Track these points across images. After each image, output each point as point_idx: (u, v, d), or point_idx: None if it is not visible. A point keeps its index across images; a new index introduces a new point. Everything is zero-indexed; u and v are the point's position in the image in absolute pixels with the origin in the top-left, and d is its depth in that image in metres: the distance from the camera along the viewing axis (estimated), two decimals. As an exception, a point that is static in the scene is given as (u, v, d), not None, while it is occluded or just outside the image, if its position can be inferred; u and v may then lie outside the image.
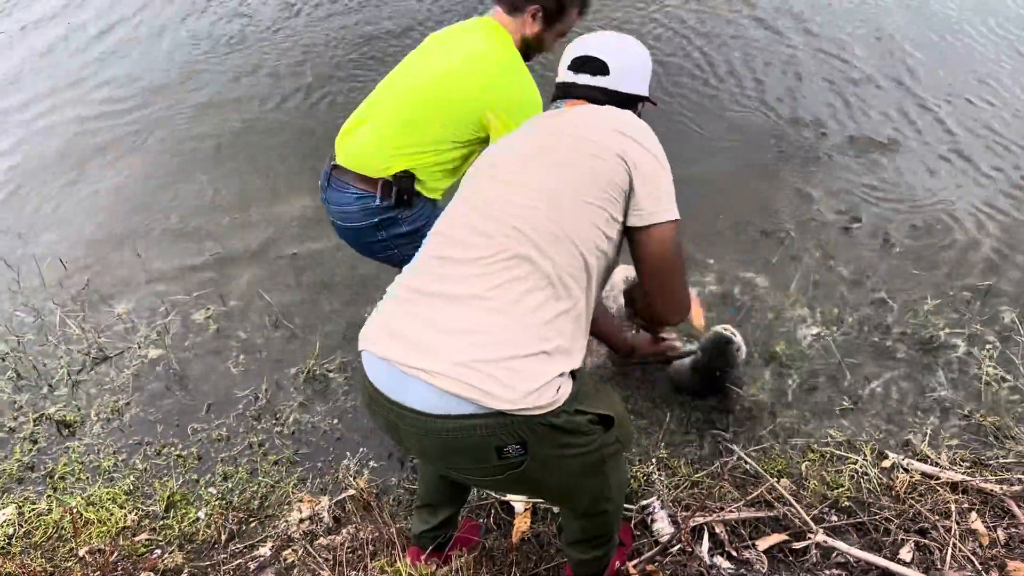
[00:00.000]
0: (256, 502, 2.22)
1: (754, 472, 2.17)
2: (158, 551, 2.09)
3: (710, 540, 1.97)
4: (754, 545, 1.96)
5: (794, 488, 2.13)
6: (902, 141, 3.59)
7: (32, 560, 2.04)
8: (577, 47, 1.67)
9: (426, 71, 2.00)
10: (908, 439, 2.28)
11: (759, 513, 2.03)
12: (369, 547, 1.97)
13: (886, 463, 2.19)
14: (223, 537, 2.12)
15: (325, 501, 2.18)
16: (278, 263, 3.13)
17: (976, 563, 1.86)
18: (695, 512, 2.03)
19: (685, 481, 2.16)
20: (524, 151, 1.51)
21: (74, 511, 2.17)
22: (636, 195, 1.41)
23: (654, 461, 2.23)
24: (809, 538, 1.94)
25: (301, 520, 2.13)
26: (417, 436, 1.30)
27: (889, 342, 2.60)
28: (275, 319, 2.85)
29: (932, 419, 2.35)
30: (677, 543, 1.96)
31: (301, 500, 2.20)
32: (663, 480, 2.16)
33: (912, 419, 2.35)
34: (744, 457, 2.20)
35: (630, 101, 1.65)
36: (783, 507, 2.03)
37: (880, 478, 2.13)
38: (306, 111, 4.05)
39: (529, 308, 1.27)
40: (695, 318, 2.68)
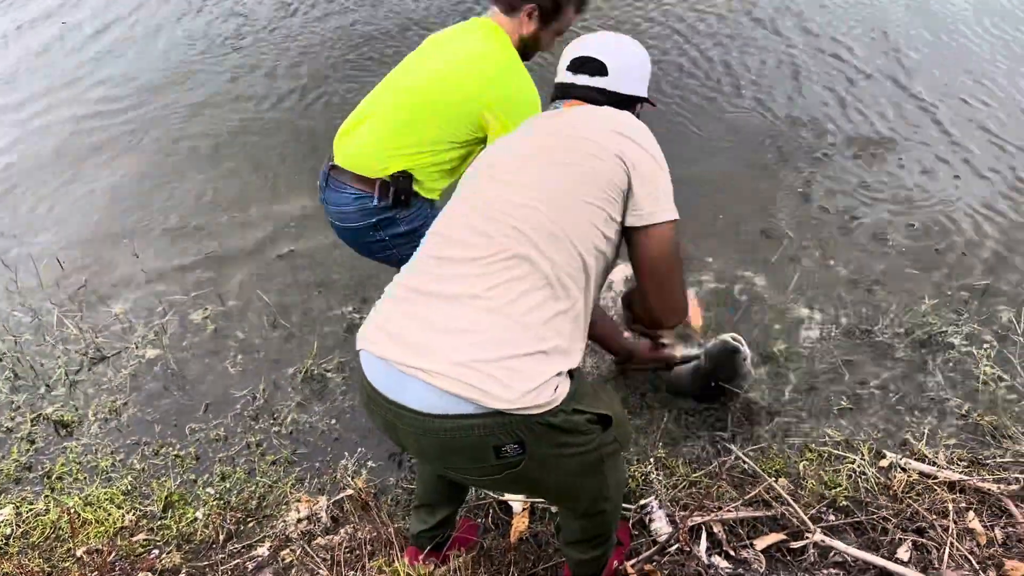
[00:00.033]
0: (254, 502, 2.22)
1: (752, 472, 2.17)
2: (156, 551, 2.09)
3: (708, 540, 1.97)
4: (752, 545, 1.96)
5: (792, 488, 2.13)
6: (900, 141, 3.59)
7: (30, 560, 2.04)
8: (576, 48, 1.67)
9: (424, 72, 2.00)
10: (906, 438, 2.28)
11: (757, 513, 2.03)
12: (367, 547, 1.97)
13: (884, 462, 2.19)
14: (221, 537, 2.11)
15: (323, 501, 2.18)
16: (276, 263, 3.12)
17: (973, 562, 1.86)
18: (693, 512, 2.03)
19: (683, 481, 2.16)
20: (523, 151, 1.51)
21: (72, 511, 2.17)
22: (634, 195, 1.41)
23: (652, 461, 2.23)
24: (807, 538, 1.94)
25: (299, 520, 2.13)
26: (415, 436, 1.30)
27: (887, 342, 2.61)
28: (273, 319, 2.84)
29: (930, 419, 2.35)
30: (675, 543, 1.96)
31: (299, 500, 2.20)
32: (661, 480, 2.16)
33: (910, 419, 2.36)
34: (742, 457, 2.21)
35: (628, 102, 1.65)
36: (781, 507, 2.03)
37: (878, 477, 2.13)
38: (303, 111, 4.04)
39: (527, 308, 1.27)
40: (693, 318, 2.69)
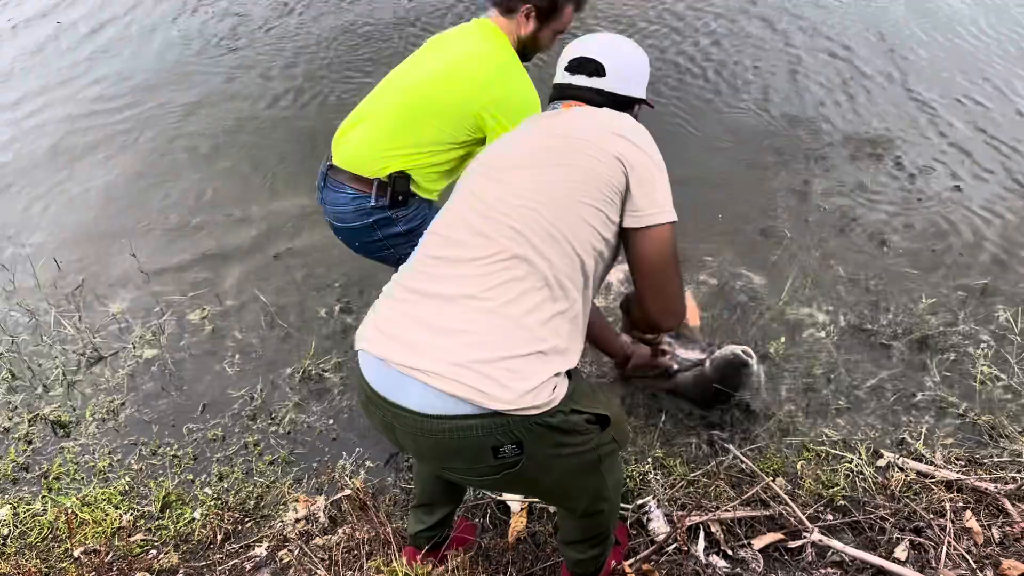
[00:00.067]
0: (252, 502, 2.22)
1: (750, 471, 2.17)
2: (153, 551, 2.09)
3: (706, 539, 1.98)
4: (750, 544, 1.97)
5: (790, 487, 2.13)
6: (898, 141, 3.59)
7: (27, 561, 2.04)
8: (574, 48, 1.67)
9: (422, 72, 2.00)
10: (903, 438, 2.29)
11: (755, 512, 2.04)
12: (365, 547, 1.97)
13: (881, 462, 2.19)
14: (219, 537, 2.11)
15: (321, 501, 2.18)
16: (273, 262, 3.12)
17: (971, 561, 1.86)
18: (691, 511, 2.03)
19: (681, 480, 2.16)
20: (522, 152, 1.50)
21: (69, 511, 2.16)
22: (632, 197, 1.41)
23: (650, 460, 2.23)
24: (805, 537, 1.95)
25: (297, 520, 2.13)
26: (413, 436, 1.30)
27: (885, 341, 2.61)
28: (270, 319, 2.84)
29: (927, 418, 2.35)
30: (673, 542, 1.96)
31: (297, 500, 2.20)
32: (659, 479, 2.16)
33: (907, 418, 2.36)
34: (740, 456, 2.21)
35: (626, 103, 1.64)
36: (779, 506, 2.03)
37: (875, 477, 2.13)
38: (299, 110, 4.04)
39: (526, 309, 1.27)
40: (691, 318, 2.69)
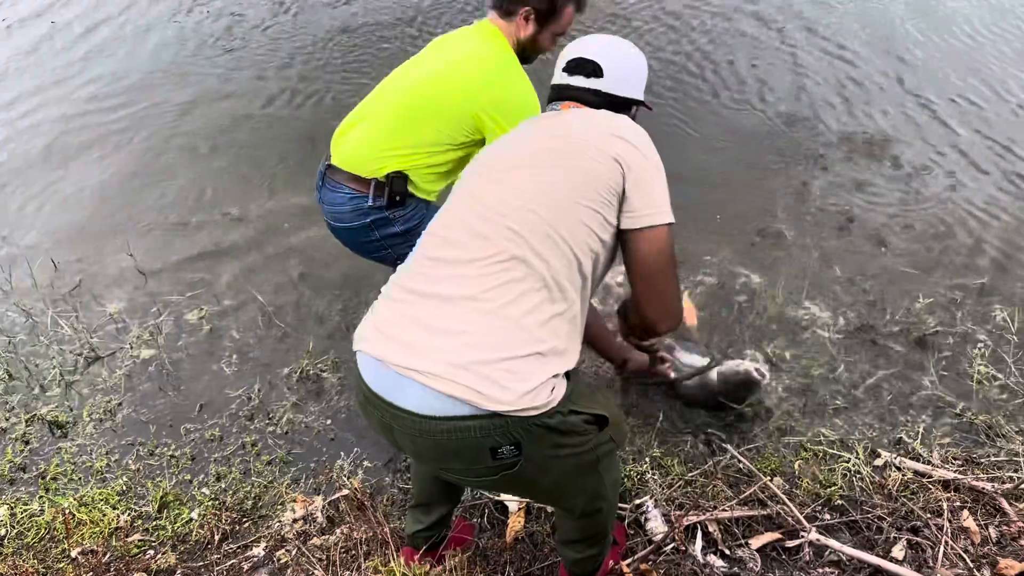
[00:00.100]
0: (249, 502, 2.21)
1: (747, 471, 2.17)
2: (151, 552, 2.09)
3: (703, 539, 1.98)
4: (747, 544, 1.97)
5: (787, 487, 2.13)
6: (898, 140, 3.60)
7: (24, 561, 2.04)
8: (572, 49, 1.67)
9: (421, 73, 2.01)
10: (900, 437, 2.29)
11: (752, 512, 2.04)
12: (363, 547, 1.97)
13: (879, 461, 2.20)
14: (216, 537, 2.11)
15: (319, 501, 2.18)
16: (271, 262, 3.12)
17: (968, 561, 1.87)
18: (689, 511, 2.03)
19: (678, 480, 2.16)
20: (521, 153, 1.50)
21: (66, 512, 2.16)
22: (630, 198, 1.41)
23: (648, 460, 2.23)
24: (802, 536, 1.95)
25: (295, 520, 2.13)
26: (411, 437, 1.30)
27: (882, 341, 2.61)
28: (268, 318, 2.84)
29: (924, 417, 2.36)
30: (671, 542, 1.97)
31: (295, 500, 2.19)
32: (656, 479, 2.16)
33: (904, 417, 2.36)
34: (737, 456, 2.21)
35: (624, 104, 1.64)
36: (776, 505, 2.04)
37: (873, 476, 2.14)
38: (295, 109, 4.02)
39: (524, 310, 1.27)
40: (688, 318, 2.69)
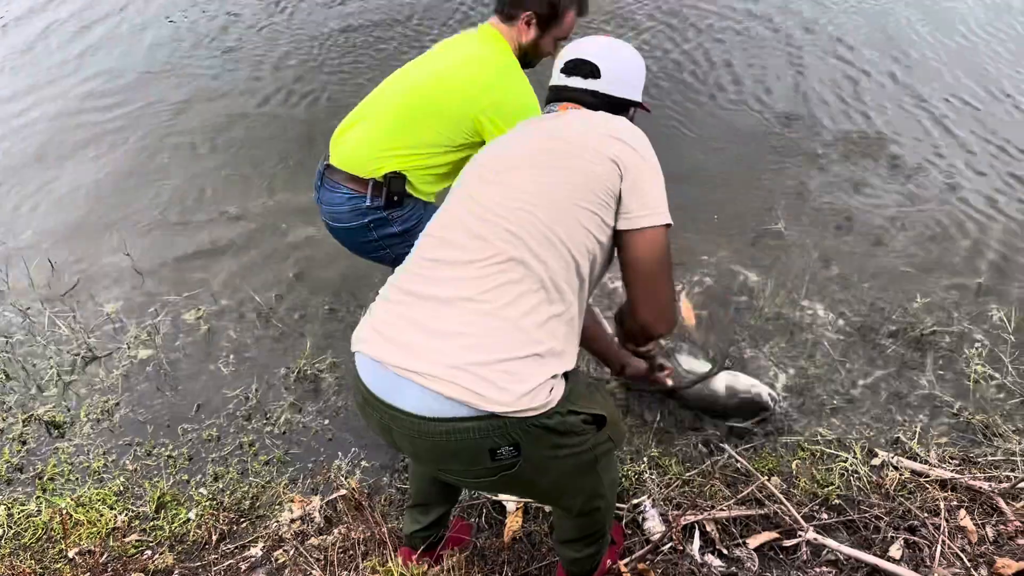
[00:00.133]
0: (247, 502, 2.21)
1: (745, 470, 2.17)
2: (148, 552, 2.08)
3: (701, 538, 1.98)
4: (745, 543, 1.97)
5: (785, 486, 2.14)
6: (896, 139, 3.60)
7: (21, 562, 2.03)
8: (570, 51, 1.67)
9: (422, 75, 2.01)
10: (898, 437, 2.29)
11: (750, 511, 2.04)
12: (360, 547, 1.97)
13: (876, 461, 2.20)
14: (214, 538, 2.11)
15: (316, 501, 2.18)
16: (269, 261, 3.11)
17: (965, 560, 1.87)
18: (686, 511, 2.03)
19: (676, 480, 2.16)
20: (519, 154, 1.50)
21: (64, 512, 2.16)
22: (626, 199, 1.40)
23: (645, 460, 2.23)
24: (799, 536, 1.95)
25: (292, 520, 2.13)
26: (410, 438, 1.30)
27: (880, 340, 2.62)
28: (266, 318, 2.83)
29: (921, 417, 2.36)
30: (668, 542, 1.97)
31: (292, 500, 2.19)
32: (654, 479, 2.16)
33: (902, 417, 2.37)
34: (735, 455, 2.21)
35: (622, 106, 1.64)
36: (774, 505, 2.04)
37: (870, 476, 2.14)
38: (290, 109, 4.02)
39: (522, 311, 1.27)
40: (687, 317, 2.70)
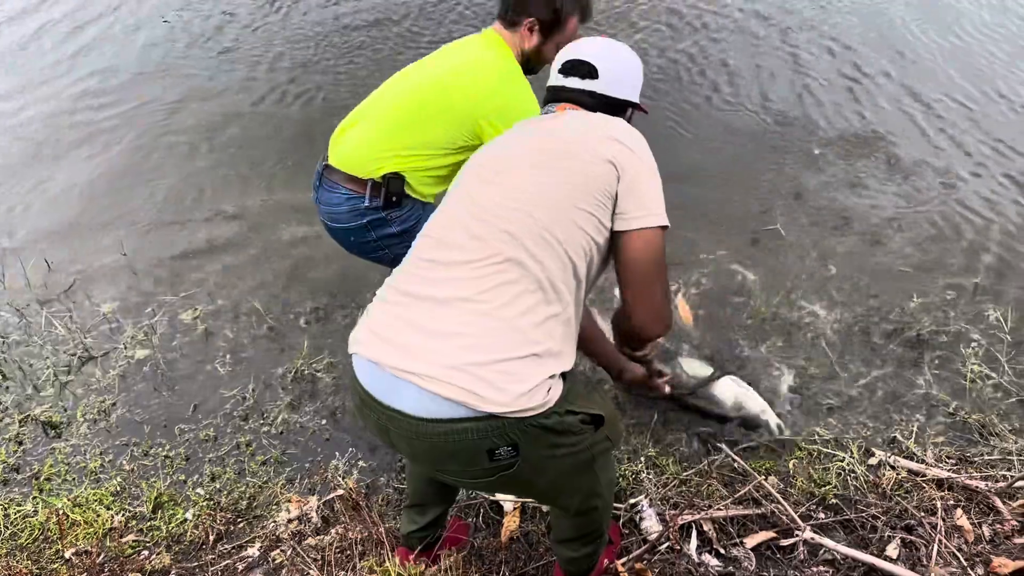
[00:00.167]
0: (244, 502, 2.21)
1: (742, 470, 2.18)
2: (145, 552, 2.08)
3: (698, 538, 1.98)
4: (742, 543, 1.97)
5: (782, 486, 2.14)
6: (894, 139, 3.61)
7: (17, 562, 2.03)
8: (568, 51, 1.67)
9: (424, 76, 2.01)
10: (895, 436, 2.30)
11: (747, 511, 2.04)
12: (358, 547, 1.97)
13: (873, 460, 2.20)
14: (211, 538, 2.11)
15: (313, 501, 2.17)
16: (266, 261, 3.11)
17: (962, 559, 1.87)
18: (683, 510, 2.03)
19: (673, 479, 2.16)
20: (517, 154, 1.50)
21: (60, 512, 2.15)
22: (622, 200, 1.40)
23: (643, 460, 2.23)
24: (796, 535, 1.95)
25: (289, 520, 2.13)
26: (408, 439, 1.30)
27: (877, 340, 2.62)
28: (262, 318, 2.83)
29: (918, 416, 2.37)
30: (665, 541, 1.97)
31: (289, 500, 2.19)
32: (652, 478, 2.17)
33: (898, 416, 2.37)
34: (732, 455, 2.21)
35: (620, 107, 1.64)
36: (771, 505, 2.04)
37: (867, 475, 2.14)
38: (286, 108, 4.02)
39: (520, 311, 1.27)
40: (684, 317, 2.70)
